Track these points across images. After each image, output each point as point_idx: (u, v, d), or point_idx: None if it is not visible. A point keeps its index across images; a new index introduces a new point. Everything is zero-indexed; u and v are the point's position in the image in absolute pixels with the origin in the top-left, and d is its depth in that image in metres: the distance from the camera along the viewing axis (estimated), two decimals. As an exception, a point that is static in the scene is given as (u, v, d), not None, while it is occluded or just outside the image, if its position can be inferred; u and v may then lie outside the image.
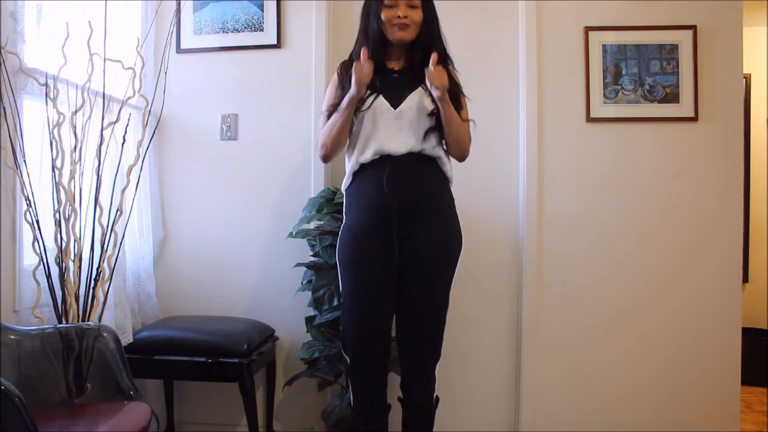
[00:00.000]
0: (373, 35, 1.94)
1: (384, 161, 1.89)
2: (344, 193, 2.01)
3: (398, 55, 2.00)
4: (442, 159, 1.95)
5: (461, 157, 2.02)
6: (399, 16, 1.90)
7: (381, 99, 1.91)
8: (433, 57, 1.84)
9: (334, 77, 2.04)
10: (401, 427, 2.00)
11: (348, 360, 1.96)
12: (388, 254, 1.89)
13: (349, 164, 1.98)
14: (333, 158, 2.02)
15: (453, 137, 1.94)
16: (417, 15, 1.93)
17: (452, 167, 2.00)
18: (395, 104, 1.91)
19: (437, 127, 1.92)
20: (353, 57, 1.98)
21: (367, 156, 1.91)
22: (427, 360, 1.96)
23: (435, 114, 1.91)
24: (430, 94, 1.90)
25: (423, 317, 1.94)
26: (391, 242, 1.89)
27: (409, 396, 1.98)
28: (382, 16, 1.92)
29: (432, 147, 1.93)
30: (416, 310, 1.93)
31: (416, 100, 1.91)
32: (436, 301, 1.95)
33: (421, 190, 1.91)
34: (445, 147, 1.97)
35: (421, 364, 1.96)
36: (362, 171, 1.94)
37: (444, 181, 1.98)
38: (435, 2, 2.00)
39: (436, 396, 1.99)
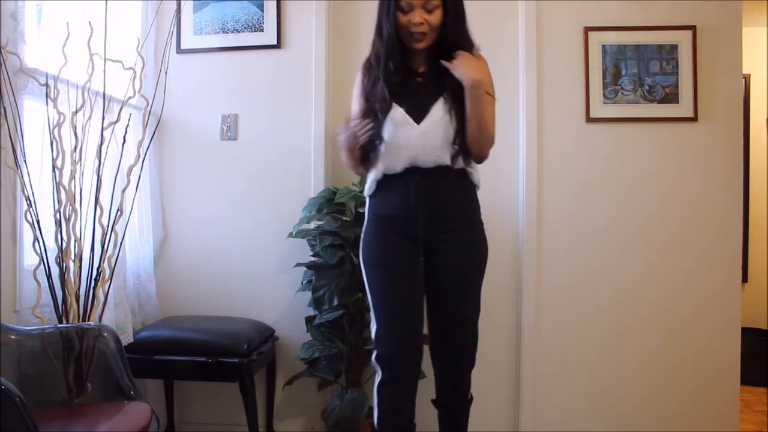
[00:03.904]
0: (387, 41, 1.80)
1: (411, 172, 1.81)
2: (367, 198, 1.93)
3: (421, 55, 1.86)
4: (470, 168, 1.87)
5: (479, 159, 1.89)
6: (414, 24, 1.76)
7: (403, 113, 1.79)
8: (459, 56, 1.76)
9: (358, 79, 1.93)
10: (438, 427, 1.97)
11: (380, 371, 1.83)
12: (415, 260, 1.84)
13: (374, 172, 1.87)
14: (363, 172, 1.92)
15: (472, 136, 1.80)
16: (435, 18, 1.77)
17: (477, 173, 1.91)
18: (418, 119, 1.79)
19: (464, 134, 1.80)
20: (370, 60, 1.87)
21: (395, 169, 1.82)
22: (464, 369, 1.90)
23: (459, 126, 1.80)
24: (456, 103, 1.79)
25: (456, 330, 1.87)
26: (418, 250, 1.83)
27: (445, 400, 1.93)
28: (399, 21, 1.78)
29: (460, 159, 1.83)
30: (449, 323, 1.87)
31: (440, 114, 1.79)
32: (468, 312, 1.88)
33: (449, 201, 1.84)
34: (463, 152, 1.84)
35: (457, 375, 1.90)
36: (387, 180, 1.85)
37: (471, 189, 1.90)
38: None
39: (471, 394, 1.95)
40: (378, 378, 1.84)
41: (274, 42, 2.70)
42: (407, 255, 1.83)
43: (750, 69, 3.71)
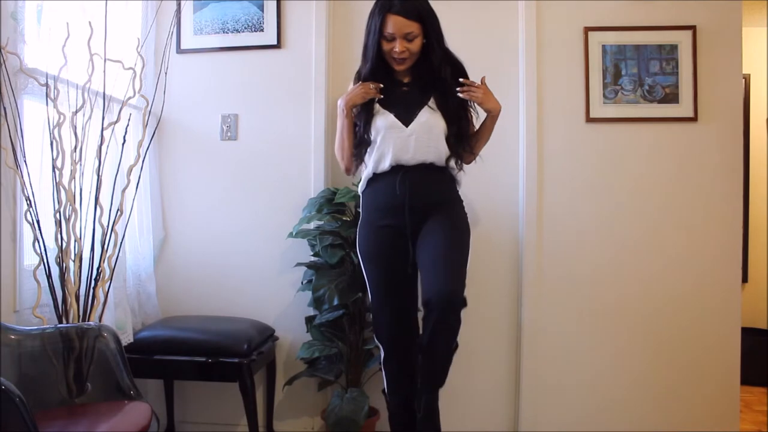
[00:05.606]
0: (369, 66, 2.03)
1: (397, 169, 2.01)
2: (360, 194, 2.14)
3: (405, 70, 2.07)
4: (451, 166, 2.07)
5: (470, 162, 2.16)
6: (396, 52, 1.98)
7: (392, 118, 2.01)
8: (482, 80, 2.01)
9: (349, 88, 2.12)
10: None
11: (382, 349, 2.08)
12: (403, 249, 2.01)
13: (365, 171, 2.09)
14: (352, 168, 2.13)
15: (477, 148, 2.13)
16: (415, 46, 1.99)
17: (459, 170, 2.12)
18: (406, 122, 2.01)
19: (448, 139, 2.03)
20: (360, 73, 2.07)
21: (384, 167, 2.02)
22: (451, 275, 1.87)
23: (451, 133, 2.02)
24: (441, 111, 2.01)
25: (443, 257, 1.91)
26: (405, 238, 2.01)
27: (431, 304, 1.83)
28: (383, 47, 2.00)
29: (441, 159, 2.04)
30: (436, 254, 1.92)
31: (425, 119, 2.01)
32: (454, 252, 1.94)
33: (431, 193, 2.03)
34: (454, 156, 2.05)
35: (444, 278, 1.85)
36: (376, 177, 2.06)
37: (452, 183, 2.10)
38: (434, 1, 2.02)
39: (456, 342, 1.92)
40: (381, 355, 2.09)
41: (274, 42, 2.70)
42: (396, 246, 2.02)
43: (750, 69, 3.71)
